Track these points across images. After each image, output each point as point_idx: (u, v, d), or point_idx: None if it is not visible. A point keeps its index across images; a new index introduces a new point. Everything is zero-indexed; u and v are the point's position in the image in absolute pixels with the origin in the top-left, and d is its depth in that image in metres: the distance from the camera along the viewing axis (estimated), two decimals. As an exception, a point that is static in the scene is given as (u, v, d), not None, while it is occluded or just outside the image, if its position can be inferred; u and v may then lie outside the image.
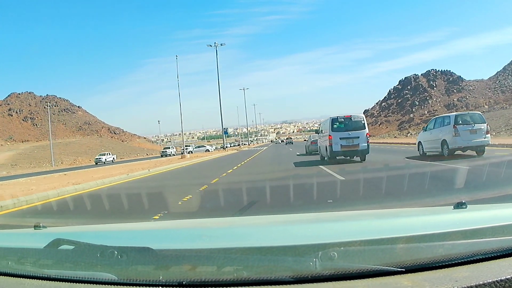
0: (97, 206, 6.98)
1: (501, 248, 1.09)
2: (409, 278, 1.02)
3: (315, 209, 5.12)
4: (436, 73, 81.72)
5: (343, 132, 14.13)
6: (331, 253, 1.07)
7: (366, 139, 14.02)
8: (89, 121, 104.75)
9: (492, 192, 5.76)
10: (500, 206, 1.72)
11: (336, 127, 14.38)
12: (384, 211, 2.33)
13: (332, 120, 14.50)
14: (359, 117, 14.72)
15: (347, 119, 14.38)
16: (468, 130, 12.87)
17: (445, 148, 13.31)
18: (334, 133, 14.16)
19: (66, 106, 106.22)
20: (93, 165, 42.50)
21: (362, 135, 14.09)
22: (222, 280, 1.06)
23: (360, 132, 14.15)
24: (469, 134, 12.83)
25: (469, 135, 12.82)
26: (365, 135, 14.06)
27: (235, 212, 5.24)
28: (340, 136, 14.06)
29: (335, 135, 14.13)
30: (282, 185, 8.05)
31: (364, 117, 14.89)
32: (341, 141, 14.02)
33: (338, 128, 14.33)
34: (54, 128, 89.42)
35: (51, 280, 1.19)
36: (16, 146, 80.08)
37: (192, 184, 9.97)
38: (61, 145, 79.18)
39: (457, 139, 12.90)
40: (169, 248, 1.22)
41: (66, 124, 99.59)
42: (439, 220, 1.47)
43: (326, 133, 15.00)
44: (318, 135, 17.69)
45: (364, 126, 14.36)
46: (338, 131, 14.23)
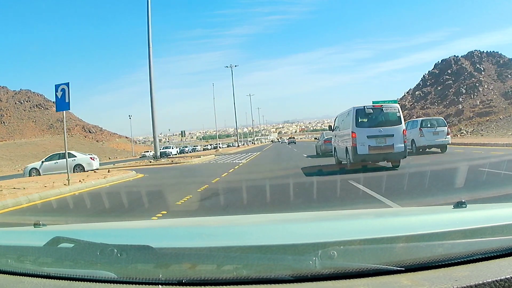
0: None
1: (500, 248, 1.09)
2: (408, 277, 1.02)
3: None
4: (481, 54, 65.71)
5: (372, 129, 10.47)
6: (330, 252, 1.07)
7: (402, 138, 10.45)
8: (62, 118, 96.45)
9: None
10: (499, 205, 1.72)
11: (362, 121, 10.64)
12: (384, 210, 2.33)
13: (357, 112, 10.64)
14: (393, 107, 10.95)
15: (377, 111, 10.69)
16: (432, 132, 16.15)
17: (413, 146, 16.53)
18: (359, 130, 10.48)
19: (40, 102, 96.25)
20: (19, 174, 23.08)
21: (398, 133, 10.43)
22: (222, 279, 1.06)
23: (395, 129, 10.46)
24: (432, 135, 16.10)
25: (432, 136, 16.09)
26: (402, 133, 10.50)
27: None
28: (368, 134, 10.37)
29: (361, 132, 10.45)
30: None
31: (399, 108, 11.05)
32: (369, 141, 10.32)
33: (365, 123, 10.63)
34: (23, 126, 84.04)
35: (51, 278, 1.19)
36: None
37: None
38: (24, 146, 71.45)
39: (422, 139, 16.23)
40: (169, 247, 1.22)
41: (37, 121, 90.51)
42: (438, 219, 1.47)
43: (346, 130, 11.23)
44: (333, 133, 13.77)
45: (400, 120, 10.64)
46: (365, 126, 10.56)
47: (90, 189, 11.02)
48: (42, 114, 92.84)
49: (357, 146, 10.39)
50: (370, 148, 10.36)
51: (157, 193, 8.75)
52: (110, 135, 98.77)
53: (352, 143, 10.48)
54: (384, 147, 10.36)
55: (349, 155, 10.88)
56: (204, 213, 5.95)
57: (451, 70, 66.19)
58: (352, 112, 10.72)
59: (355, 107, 10.78)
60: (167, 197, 7.75)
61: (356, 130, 10.53)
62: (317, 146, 21.78)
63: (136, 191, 9.70)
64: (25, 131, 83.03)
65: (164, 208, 6.37)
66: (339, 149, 12.41)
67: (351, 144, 10.55)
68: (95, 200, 8.46)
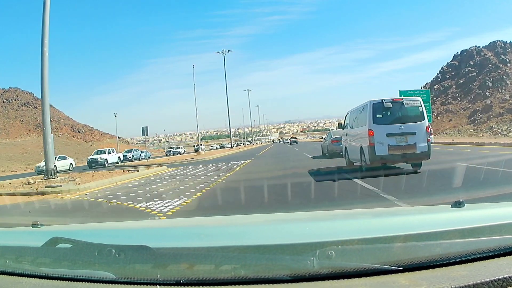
0: None
1: (499, 247, 1.09)
2: (406, 277, 1.02)
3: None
4: (505, 45, 60.16)
5: (391, 126, 9.19)
6: (328, 251, 1.06)
7: (426, 136, 9.18)
8: (51, 117, 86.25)
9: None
10: (498, 205, 1.72)
11: (380, 117, 9.36)
12: (382, 209, 2.33)
13: (374, 106, 9.37)
14: (414, 101, 9.62)
15: (396, 105, 9.43)
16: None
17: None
18: (377, 127, 9.17)
19: (28, 100, 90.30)
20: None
21: (421, 130, 9.18)
22: (220, 279, 1.06)
23: (418, 125, 9.21)
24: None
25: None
26: (425, 130, 9.23)
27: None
28: (388, 132, 9.09)
29: (379, 129, 9.13)
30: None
31: (421, 101, 9.67)
32: (388, 140, 9.06)
33: (384, 119, 9.36)
34: (9, 125, 79.31)
35: (49, 278, 1.19)
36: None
37: None
38: (2, 146, 66.18)
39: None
40: (167, 247, 1.22)
41: (24, 120, 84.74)
42: (436, 218, 1.47)
43: (361, 128, 9.96)
44: (343, 131, 12.38)
45: (422, 115, 9.37)
46: (384, 123, 9.27)
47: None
48: (30, 113, 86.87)
49: (375, 145, 9.08)
50: (389, 148, 9.04)
51: None
52: (101, 135, 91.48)
53: (369, 142, 9.17)
54: (406, 147, 9.04)
55: (364, 155, 9.58)
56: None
57: (473, 61, 59.87)
58: (369, 107, 9.37)
59: (372, 100, 9.44)
60: None
61: (373, 128, 9.17)
62: (324, 146, 20.19)
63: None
64: (11, 130, 78.86)
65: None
66: (352, 149, 11.04)
67: (367, 143, 9.25)
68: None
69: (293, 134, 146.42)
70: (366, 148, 9.41)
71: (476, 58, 60.38)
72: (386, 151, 9.08)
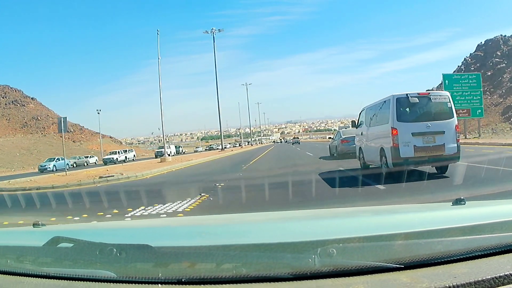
0: None
1: (500, 245, 1.09)
2: (407, 275, 1.02)
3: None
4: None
5: (418, 124, 8.15)
6: (329, 249, 1.06)
7: (455, 136, 8.19)
8: (38, 116, 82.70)
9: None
10: (499, 202, 1.72)
11: (405, 114, 8.31)
12: (383, 207, 2.33)
13: (398, 102, 8.27)
14: (442, 96, 8.62)
15: (423, 100, 8.34)
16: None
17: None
18: (402, 125, 8.10)
19: (17, 98, 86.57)
20: None
21: (450, 129, 8.15)
22: (221, 277, 1.06)
23: (446, 124, 8.16)
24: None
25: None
26: (454, 129, 8.24)
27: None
28: (414, 131, 8.06)
29: (404, 128, 8.07)
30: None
31: (450, 96, 8.62)
32: (414, 140, 8.00)
33: (409, 116, 8.31)
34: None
35: (50, 278, 1.19)
36: None
37: None
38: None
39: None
40: (168, 246, 1.22)
41: (11, 119, 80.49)
42: (437, 216, 1.47)
43: (382, 126, 8.92)
44: (357, 129, 11.30)
45: (451, 112, 8.34)
46: (410, 121, 8.24)
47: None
48: (17, 112, 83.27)
49: (399, 146, 7.98)
50: (415, 150, 7.92)
51: None
52: (92, 134, 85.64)
53: (393, 143, 8.07)
54: (433, 148, 7.95)
55: (386, 158, 8.50)
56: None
57: (500, 52, 53.65)
58: (392, 102, 8.25)
59: (395, 95, 8.36)
60: None
61: (398, 126, 8.07)
62: (332, 147, 18.80)
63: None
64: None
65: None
66: (369, 150, 9.98)
67: (390, 143, 8.16)
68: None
69: (295, 134, 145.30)
70: (389, 149, 8.29)
71: (504, 48, 54.23)
72: (412, 152, 7.94)
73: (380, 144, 8.94)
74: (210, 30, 44.56)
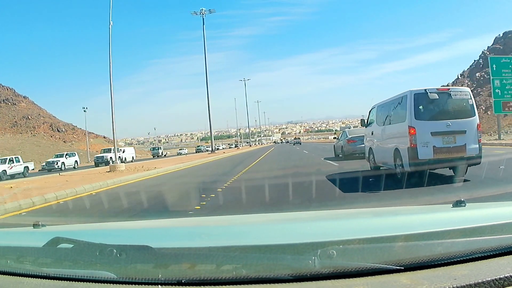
0: None
1: (500, 246, 1.10)
2: (408, 276, 1.02)
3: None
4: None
5: (437, 122, 7.41)
6: (330, 251, 1.06)
7: (477, 136, 7.50)
8: (29, 115, 79.25)
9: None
10: (499, 204, 1.72)
11: (424, 111, 7.55)
12: (383, 209, 2.33)
13: (417, 97, 7.53)
14: (463, 92, 7.83)
15: (443, 96, 7.56)
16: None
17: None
18: (421, 124, 7.39)
19: (8, 96, 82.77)
20: None
21: (471, 128, 7.48)
22: (221, 279, 1.06)
23: (468, 122, 7.48)
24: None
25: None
26: (476, 128, 7.54)
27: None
28: (433, 130, 7.34)
29: (423, 127, 7.36)
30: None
31: (471, 93, 7.90)
32: (434, 140, 7.30)
33: (428, 114, 7.55)
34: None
35: (50, 278, 1.19)
36: None
37: None
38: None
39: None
40: (168, 247, 1.22)
41: (1, 118, 76.95)
42: (438, 218, 1.47)
43: (397, 125, 8.21)
44: (367, 129, 10.63)
45: (473, 110, 7.65)
46: (429, 119, 7.49)
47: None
48: (8, 110, 79.24)
49: (417, 147, 7.27)
50: (435, 151, 7.22)
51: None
52: (84, 134, 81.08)
53: (410, 143, 7.36)
54: (454, 149, 7.27)
55: (401, 159, 7.78)
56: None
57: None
58: (409, 98, 7.54)
59: (413, 90, 7.63)
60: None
61: (416, 124, 7.37)
62: (337, 147, 17.76)
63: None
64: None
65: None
66: (381, 151, 9.27)
67: (407, 144, 7.46)
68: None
69: (296, 135, 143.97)
70: (405, 151, 7.57)
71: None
72: (431, 154, 7.23)
73: (395, 145, 8.25)
74: (200, 11, 37.53)
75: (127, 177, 14.48)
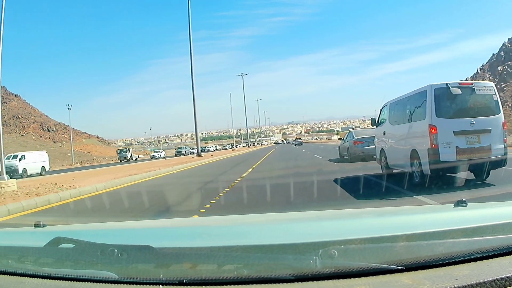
0: None
1: (501, 246, 1.09)
2: (409, 276, 1.02)
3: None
4: None
5: (460, 120, 6.71)
6: (331, 251, 1.06)
7: (503, 135, 6.86)
8: (19, 114, 77.50)
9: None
10: (500, 204, 1.72)
11: (446, 107, 6.82)
12: (384, 209, 2.33)
13: (438, 93, 6.82)
14: (487, 87, 7.11)
15: (466, 91, 6.83)
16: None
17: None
18: (443, 122, 6.69)
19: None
20: None
21: (496, 127, 6.83)
22: (223, 278, 1.06)
23: (493, 120, 6.84)
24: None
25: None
26: (502, 127, 6.89)
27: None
28: (456, 129, 6.67)
29: (445, 126, 6.68)
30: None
31: (495, 88, 7.23)
32: (457, 140, 6.61)
33: (450, 111, 6.84)
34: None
35: (52, 278, 1.19)
36: None
37: None
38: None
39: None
40: (169, 246, 1.22)
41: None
42: (439, 218, 1.47)
43: (415, 122, 7.52)
44: (378, 128, 9.89)
45: (498, 106, 6.98)
46: (451, 116, 6.79)
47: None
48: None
49: (439, 148, 6.58)
50: (458, 152, 6.55)
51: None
52: (76, 134, 78.94)
53: (431, 143, 6.67)
54: (478, 150, 6.61)
55: (420, 161, 7.08)
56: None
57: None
58: (429, 94, 6.85)
59: (433, 85, 6.91)
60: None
61: (437, 123, 6.67)
62: (343, 148, 16.85)
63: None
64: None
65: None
66: (395, 152, 8.53)
67: (427, 144, 6.79)
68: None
69: (297, 135, 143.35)
70: (425, 152, 6.90)
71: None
72: (454, 155, 6.55)
73: (412, 145, 7.53)
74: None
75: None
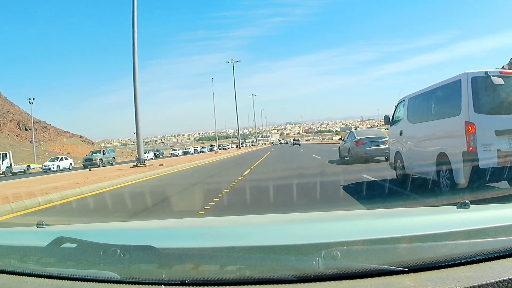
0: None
1: (504, 248, 1.09)
2: (411, 278, 1.01)
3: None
4: None
5: (504, 117, 5.45)
6: (334, 252, 1.06)
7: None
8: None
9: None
10: (503, 206, 1.72)
11: (485, 101, 5.53)
12: (387, 210, 2.33)
13: (476, 83, 5.49)
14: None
15: (509, 81, 5.46)
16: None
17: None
18: (482, 118, 5.40)
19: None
20: None
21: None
22: (225, 279, 1.06)
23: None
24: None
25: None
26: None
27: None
28: (498, 127, 5.39)
29: (485, 123, 5.39)
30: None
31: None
32: (499, 140, 5.34)
33: (491, 105, 5.55)
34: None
35: (54, 278, 1.19)
36: None
37: None
38: None
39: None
40: (172, 247, 1.22)
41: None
42: (442, 219, 1.47)
43: (444, 119, 6.19)
44: (392, 128, 8.59)
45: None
46: (493, 112, 5.51)
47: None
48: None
49: (477, 151, 5.29)
50: (499, 156, 5.25)
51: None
52: (58, 133, 75.42)
53: (468, 145, 5.37)
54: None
55: (451, 168, 5.80)
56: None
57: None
58: (465, 84, 5.53)
59: (470, 73, 5.55)
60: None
61: (476, 120, 5.37)
62: (343, 149, 16.07)
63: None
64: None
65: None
66: (415, 156, 7.26)
67: (463, 146, 5.46)
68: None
69: (295, 136, 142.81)
70: (459, 156, 5.53)
71: None
72: (495, 161, 5.23)
73: (439, 148, 6.20)
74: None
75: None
